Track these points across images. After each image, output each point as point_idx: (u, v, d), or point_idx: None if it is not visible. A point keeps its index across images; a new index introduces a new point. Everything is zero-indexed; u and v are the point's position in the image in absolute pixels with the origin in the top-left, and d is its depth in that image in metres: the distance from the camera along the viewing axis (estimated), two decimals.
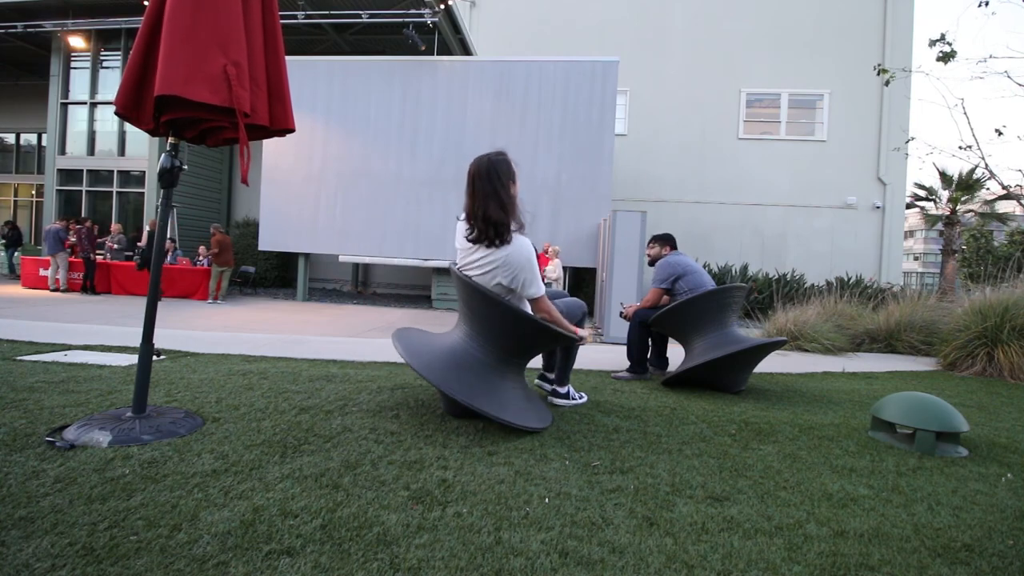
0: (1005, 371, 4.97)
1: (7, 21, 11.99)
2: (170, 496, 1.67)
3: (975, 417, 3.36)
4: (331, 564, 1.35)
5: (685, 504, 1.82)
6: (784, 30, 13.38)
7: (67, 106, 13.06)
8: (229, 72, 2.15)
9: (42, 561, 1.30)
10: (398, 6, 10.62)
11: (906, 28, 12.96)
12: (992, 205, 14.50)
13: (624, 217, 7.44)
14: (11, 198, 16.90)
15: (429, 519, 1.61)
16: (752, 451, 2.43)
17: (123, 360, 3.87)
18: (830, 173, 13.08)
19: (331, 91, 11.05)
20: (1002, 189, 7.37)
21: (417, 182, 10.71)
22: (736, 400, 3.52)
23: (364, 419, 2.57)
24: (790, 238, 13.26)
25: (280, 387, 3.14)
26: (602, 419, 2.83)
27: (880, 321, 6.72)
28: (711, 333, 3.82)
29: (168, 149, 2.38)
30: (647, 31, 13.81)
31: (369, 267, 14.24)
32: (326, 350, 4.88)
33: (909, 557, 1.55)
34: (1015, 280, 5.84)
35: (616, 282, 7.30)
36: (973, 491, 2.08)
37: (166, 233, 2.52)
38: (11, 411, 2.45)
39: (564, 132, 10.33)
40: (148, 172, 12.57)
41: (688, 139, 13.56)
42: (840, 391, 4.06)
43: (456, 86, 10.72)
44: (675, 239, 4.39)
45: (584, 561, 1.43)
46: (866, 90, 12.85)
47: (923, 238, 45.85)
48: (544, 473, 2.02)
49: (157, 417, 2.33)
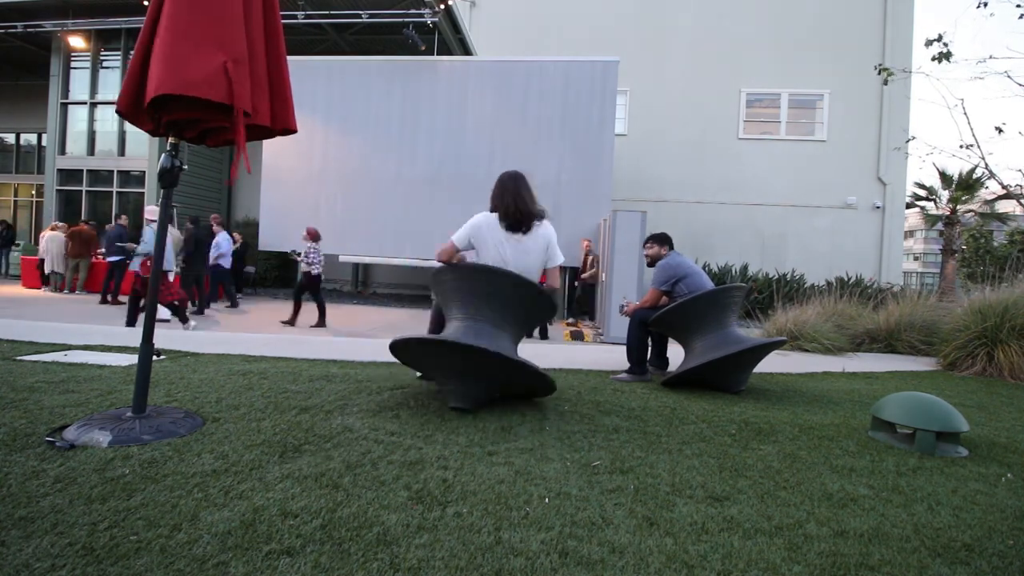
0: (1005, 371, 4.97)
1: (7, 21, 11.98)
2: (170, 496, 1.67)
3: (975, 417, 3.35)
4: (331, 564, 1.35)
5: (685, 504, 1.82)
6: (784, 30, 13.37)
7: (67, 106, 13.05)
8: (228, 68, 2.15)
9: (42, 561, 1.30)
10: (398, 6, 10.62)
11: (906, 28, 12.95)
12: (992, 205, 14.49)
13: (624, 217, 7.44)
14: (11, 198, 16.89)
15: (429, 519, 1.61)
16: (752, 451, 2.43)
17: (123, 360, 3.87)
18: (830, 173, 13.07)
19: (331, 91, 11.04)
20: (1002, 189, 7.36)
21: (417, 182, 10.70)
22: (736, 400, 3.52)
23: (364, 419, 2.57)
24: (790, 238, 13.25)
25: (280, 387, 3.14)
26: (602, 419, 2.83)
27: (880, 321, 6.72)
28: (711, 333, 3.82)
29: (168, 149, 2.38)
30: (647, 31, 13.81)
31: (369, 267, 14.24)
32: (326, 350, 4.88)
33: (909, 557, 1.55)
34: (1015, 280, 5.84)
35: (616, 282, 7.30)
36: (973, 491, 2.08)
37: (166, 234, 2.52)
38: (11, 411, 2.44)
39: (564, 132, 10.32)
40: (148, 172, 12.55)
41: (688, 139, 13.55)
42: (840, 391, 4.06)
43: (456, 86, 10.71)
44: (672, 239, 4.39)
45: (584, 561, 1.43)
46: (866, 90, 12.84)
47: (923, 238, 45.82)
48: (544, 473, 2.02)
49: (157, 417, 2.33)
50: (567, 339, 7.45)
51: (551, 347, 6.06)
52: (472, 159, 10.34)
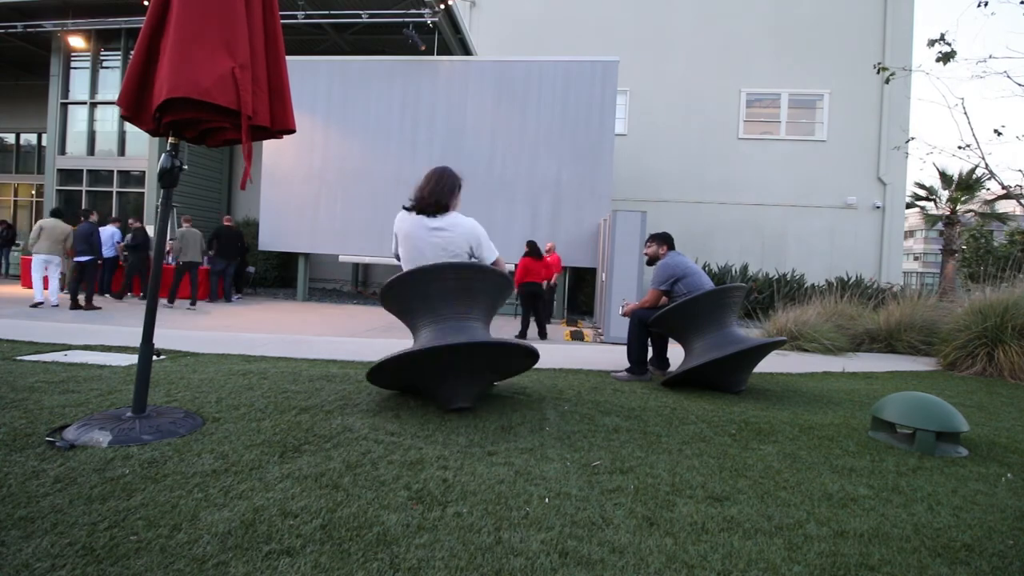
0: (1005, 371, 4.97)
1: (7, 21, 11.97)
2: (170, 496, 1.67)
3: (975, 417, 3.35)
4: (331, 564, 1.35)
5: (685, 504, 1.82)
6: (784, 30, 13.37)
7: (67, 106, 13.04)
8: (237, 75, 2.16)
9: (42, 561, 1.30)
10: (398, 6, 10.61)
11: (906, 28, 12.95)
12: (992, 205, 14.50)
13: (624, 217, 7.45)
14: (11, 198, 16.89)
15: (429, 519, 1.61)
16: (752, 451, 2.43)
17: (123, 360, 3.87)
18: (830, 173, 13.07)
19: (331, 91, 11.04)
20: (1002, 189, 7.36)
21: (417, 182, 10.69)
22: (736, 400, 3.52)
23: (364, 419, 2.57)
24: (790, 238, 13.25)
25: (280, 387, 3.14)
26: (602, 419, 2.83)
27: (880, 321, 6.72)
28: (711, 333, 3.81)
29: (168, 149, 2.38)
30: (647, 31, 13.81)
31: (369, 267, 14.24)
32: (326, 350, 4.88)
33: (909, 557, 1.55)
34: (1015, 280, 5.84)
35: (616, 282, 7.30)
36: (973, 491, 2.08)
37: (166, 234, 2.52)
38: (11, 411, 2.44)
39: (564, 132, 10.33)
40: (148, 172, 12.54)
41: (688, 139, 13.55)
42: (840, 391, 4.06)
43: (456, 86, 10.71)
44: (673, 238, 4.38)
45: (584, 561, 1.43)
46: (866, 90, 12.84)
47: (923, 238, 45.83)
48: (544, 473, 2.02)
49: (157, 417, 2.33)
50: (567, 339, 7.45)
51: (551, 347, 6.06)
52: (472, 159, 10.35)
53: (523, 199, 10.43)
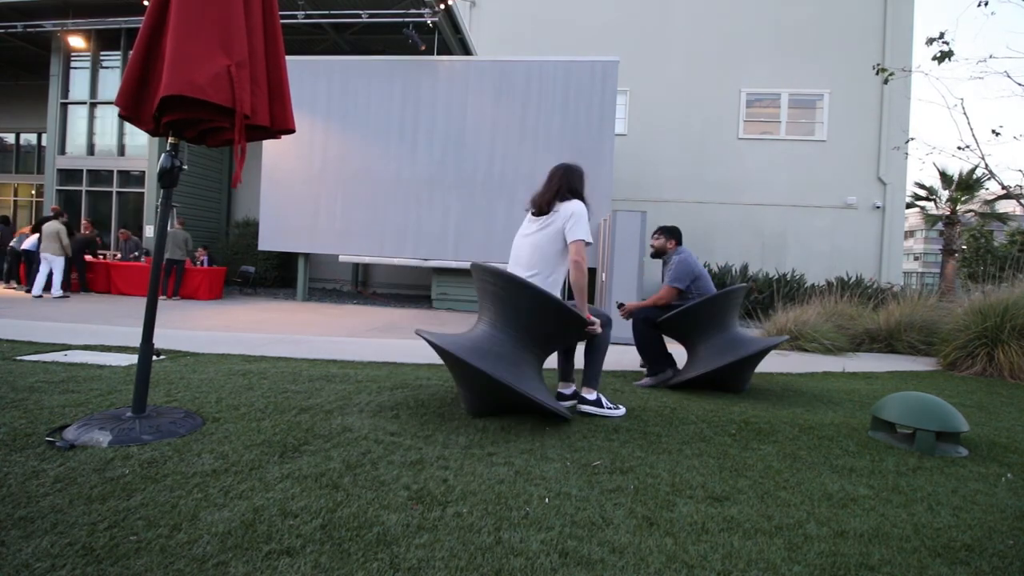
0: (1005, 371, 4.97)
1: (7, 21, 11.97)
2: (170, 496, 1.67)
3: (975, 417, 3.35)
4: (331, 564, 1.35)
5: (685, 504, 1.82)
6: (784, 30, 13.37)
7: (67, 106, 13.04)
8: (232, 73, 2.15)
9: (42, 561, 1.30)
10: (398, 6, 10.61)
11: (906, 28, 12.95)
12: (992, 205, 14.50)
13: (624, 217, 7.44)
14: (11, 198, 16.89)
15: (429, 519, 1.61)
16: (752, 451, 2.43)
17: (123, 360, 3.87)
18: (830, 173, 13.07)
19: (331, 91, 11.04)
20: (1002, 189, 7.36)
21: (417, 182, 10.70)
22: (736, 400, 3.52)
23: (364, 419, 2.57)
24: (790, 238, 13.25)
25: (280, 387, 3.14)
26: (602, 419, 2.83)
27: (880, 321, 6.72)
28: (715, 335, 3.81)
29: (168, 149, 2.38)
30: (647, 31, 13.80)
31: (369, 267, 14.24)
32: (326, 350, 4.88)
33: (909, 557, 1.55)
34: (1015, 280, 5.84)
35: (616, 282, 7.30)
36: (973, 491, 2.08)
37: (166, 234, 2.52)
38: (11, 411, 2.44)
39: (564, 132, 10.32)
40: (148, 172, 12.54)
41: (688, 139, 13.55)
42: (840, 391, 4.06)
43: (456, 86, 10.71)
44: (681, 232, 4.25)
45: (584, 561, 1.43)
46: (866, 90, 12.84)
47: (923, 238, 45.86)
48: (544, 473, 2.02)
49: (157, 417, 2.33)
50: None
51: None
52: (472, 159, 10.34)
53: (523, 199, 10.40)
